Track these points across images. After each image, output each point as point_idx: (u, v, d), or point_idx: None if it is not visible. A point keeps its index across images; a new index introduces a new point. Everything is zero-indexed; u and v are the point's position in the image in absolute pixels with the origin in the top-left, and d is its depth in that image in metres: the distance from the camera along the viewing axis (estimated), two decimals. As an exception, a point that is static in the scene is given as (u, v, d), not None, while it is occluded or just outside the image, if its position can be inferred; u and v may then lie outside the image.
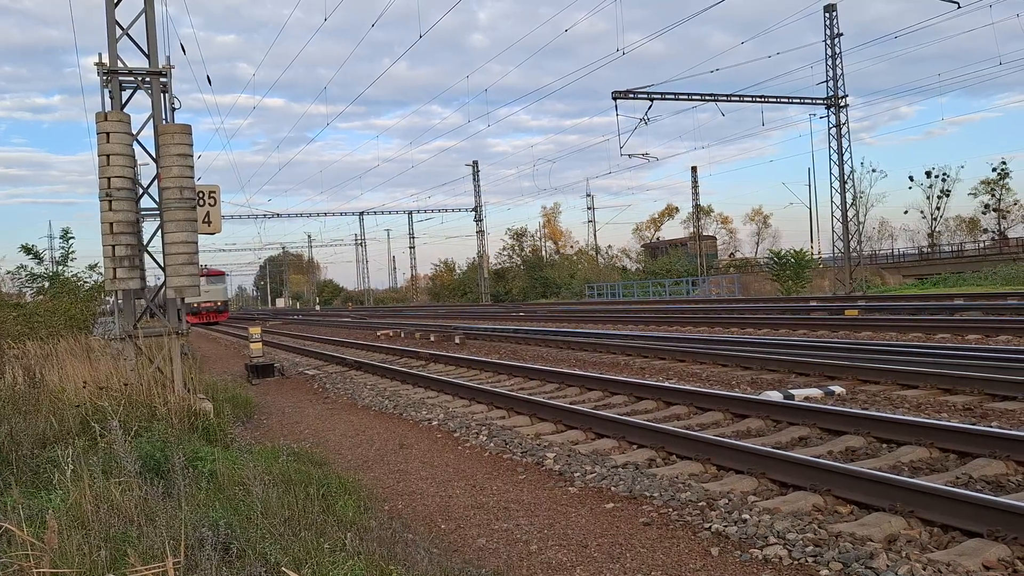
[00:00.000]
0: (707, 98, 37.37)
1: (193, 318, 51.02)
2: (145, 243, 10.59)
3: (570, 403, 10.06)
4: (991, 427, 7.10)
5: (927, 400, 8.87)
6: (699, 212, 74.09)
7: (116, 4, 10.52)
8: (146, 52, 10.63)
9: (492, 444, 8.20)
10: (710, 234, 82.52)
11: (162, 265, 10.31)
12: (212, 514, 4.82)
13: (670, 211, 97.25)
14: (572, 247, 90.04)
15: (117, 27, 10.50)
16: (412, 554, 4.57)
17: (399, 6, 60.98)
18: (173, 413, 8.39)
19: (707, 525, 5.22)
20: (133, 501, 5.02)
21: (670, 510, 5.63)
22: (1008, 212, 70.21)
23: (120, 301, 10.65)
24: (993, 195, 69.48)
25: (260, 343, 17.98)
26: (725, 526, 5.13)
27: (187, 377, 10.72)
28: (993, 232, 70.44)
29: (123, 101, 10.58)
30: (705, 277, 59.53)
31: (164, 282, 10.25)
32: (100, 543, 4.21)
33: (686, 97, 37.17)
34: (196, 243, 10.21)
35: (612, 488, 6.28)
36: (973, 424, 7.31)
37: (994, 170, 68.39)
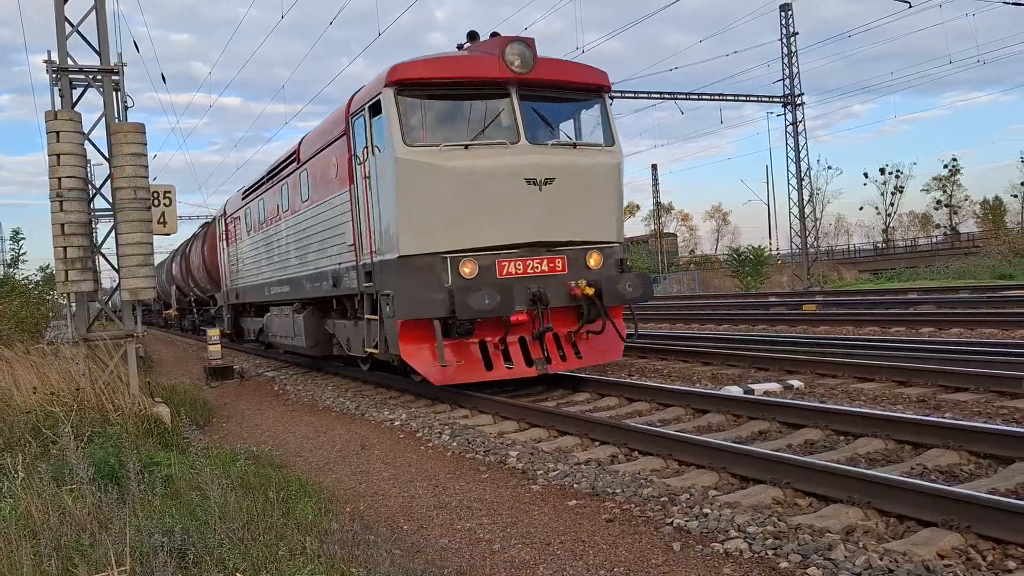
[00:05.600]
0: (666, 96, 37.69)
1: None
2: (99, 244, 10.36)
3: (533, 401, 10.06)
4: (945, 418, 7.24)
5: (883, 392, 9.02)
6: (659, 209, 74.78)
7: (65, 1, 10.27)
8: (97, 49, 10.38)
9: (455, 443, 8.16)
10: (671, 231, 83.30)
11: (116, 267, 10.10)
12: (168, 520, 4.72)
13: (631, 209, 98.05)
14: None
15: (67, 24, 10.25)
16: (374, 556, 4.51)
17: (356, 5, 60.55)
18: (127, 418, 8.22)
19: (669, 520, 5.24)
20: (86, 508, 4.90)
21: (632, 506, 5.64)
22: (959, 208, 71.95)
23: (73, 304, 10.41)
24: (945, 191, 71.17)
25: (219, 345, 17.68)
26: (687, 521, 5.15)
27: (143, 381, 10.52)
28: (945, 228, 72.12)
29: (74, 100, 10.33)
30: (666, 274, 60.05)
31: (118, 284, 10.04)
32: (51, 552, 4.09)
33: (645, 95, 37.44)
34: (151, 244, 10.02)
35: (575, 485, 6.28)
36: (927, 415, 7.45)
37: (945, 167, 70.27)
